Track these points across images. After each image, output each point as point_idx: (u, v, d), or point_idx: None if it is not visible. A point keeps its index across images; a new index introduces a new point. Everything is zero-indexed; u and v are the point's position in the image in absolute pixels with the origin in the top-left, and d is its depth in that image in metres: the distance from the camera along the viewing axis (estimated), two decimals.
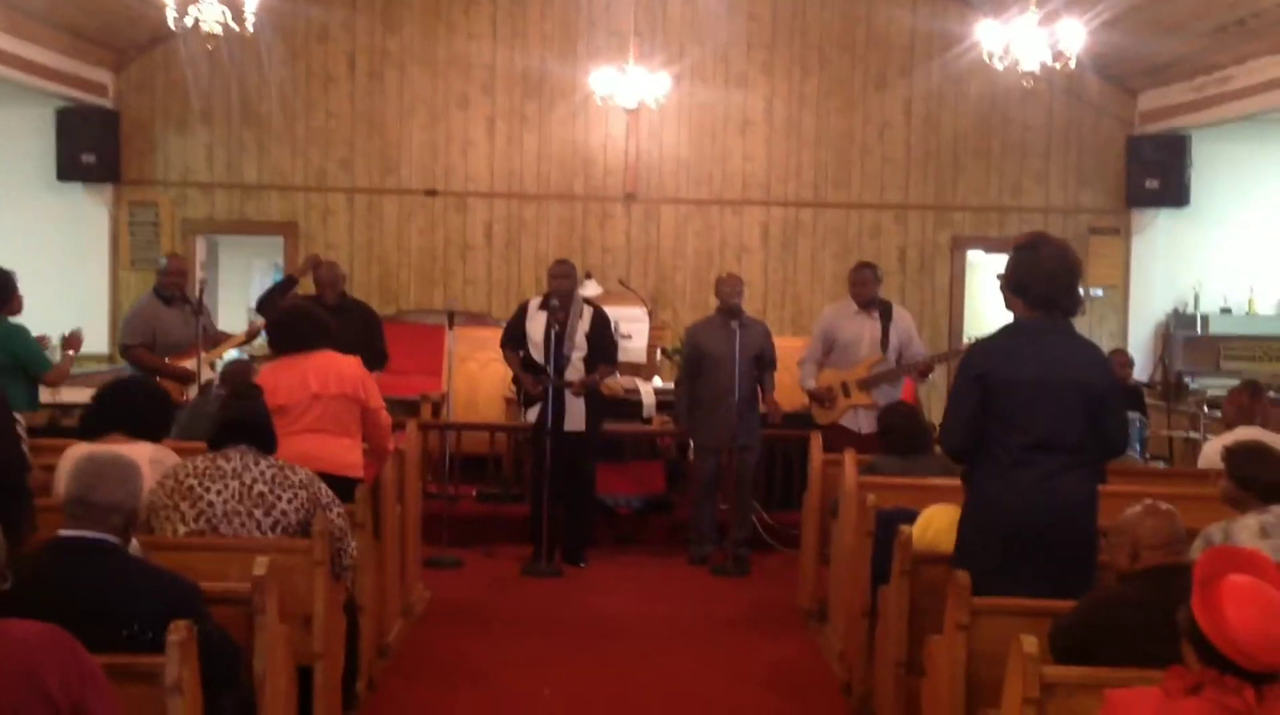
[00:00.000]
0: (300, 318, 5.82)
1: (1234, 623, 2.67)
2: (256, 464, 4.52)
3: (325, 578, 4.40)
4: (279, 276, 13.19)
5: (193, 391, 7.50)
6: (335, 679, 4.68)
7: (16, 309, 6.97)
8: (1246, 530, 4.38)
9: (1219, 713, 2.68)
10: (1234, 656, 2.66)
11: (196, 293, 8.23)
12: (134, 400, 4.92)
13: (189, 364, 7.72)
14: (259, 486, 4.47)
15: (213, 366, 7.76)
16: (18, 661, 2.68)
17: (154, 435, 4.87)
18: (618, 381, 8.62)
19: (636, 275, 11.67)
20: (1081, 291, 4.42)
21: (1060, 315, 4.28)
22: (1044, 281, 4.21)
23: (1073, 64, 9.06)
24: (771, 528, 8.49)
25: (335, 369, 5.62)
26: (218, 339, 8.14)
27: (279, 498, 4.49)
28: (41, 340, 7.30)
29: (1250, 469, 4.49)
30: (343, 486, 5.15)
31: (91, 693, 2.75)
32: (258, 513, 4.45)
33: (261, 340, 7.77)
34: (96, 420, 4.85)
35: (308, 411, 5.50)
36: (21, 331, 6.93)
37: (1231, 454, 4.61)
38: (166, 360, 7.76)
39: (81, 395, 5.27)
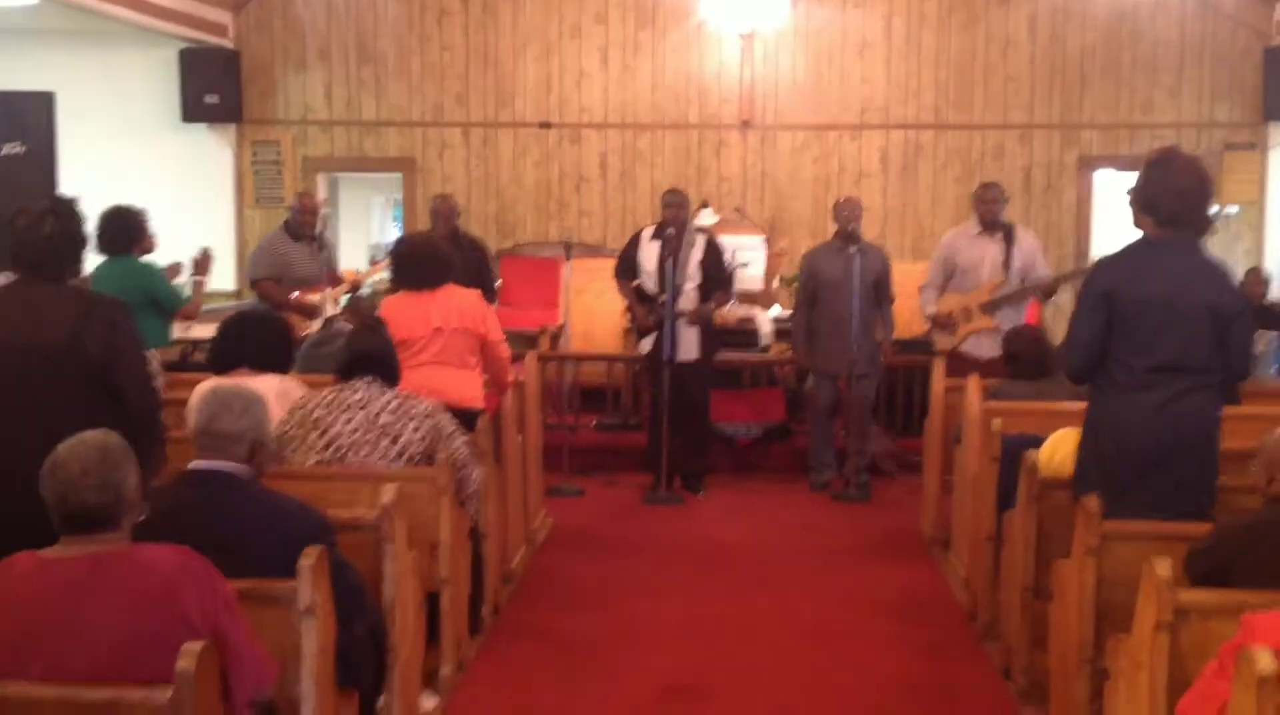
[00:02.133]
0: (423, 252, 5.87)
1: None
2: (382, 394, 4.60)
3: (450, 505, 4.48)
4: (398, 212, 13.39)
5: (316, 325, 7.66)
6: (462, 604, 4.79)
7: (149, 248, 7.15)
8: None
9: None
10: None
11: (319, 228, 8.37)
12: (256, 333, 5.02)
13: (314, 298, 7.88)
14: (384, 417, 4.55)
15: (336, 303, 7.90)
16: (157, 587, 2.77)
17: (279, 367, 4.98)
18: (732, 310, 8.56)
19: (753, 203, 11.55)
20: (1213, 211, 4.27)
21: (1191, 234, 4.13)
22: (1175, 199, 4.06)
23: None
24: (894, 454, 8.42)
25: (456, 303, 5.68)
26: (337, 278, 8.28)
27: (404, 428, 4.57)
28: (172, 268, 7.47)
29: None
30: (463, 418, 5.22)
31: (226, 617, 2.84)
32: (384, 442, 4.53)
33: (383, 275, 7.91)
34: (222, 355, 4.98)
35: (429, 345, 5.58)
36: (152, 269, 7.12)
37: None
38: (293, 294, 7.93)
39: (211, 330, 5.41)
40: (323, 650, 3.27)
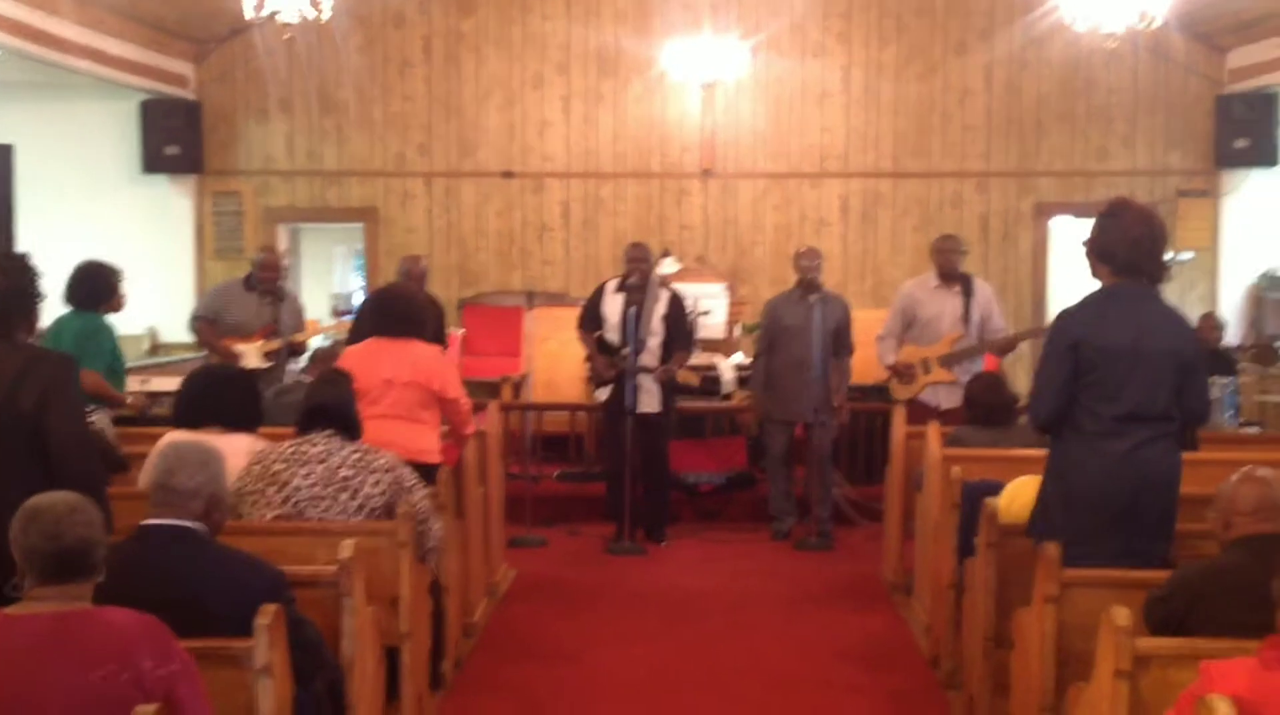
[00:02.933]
0: (400, 304, 5.84)
1: None
2: (341, 449, 4.57)
3: (410, 559, 4.44)
4: (360, 262, 13.36)
5: None
6: (422, 659, 4.74)
7: (117, 307, 7.02)
8: None
9: None
10: None
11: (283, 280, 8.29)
12: (227, 392, 4.97)
13: (239, 347, 7.74)
14: (344, 471, 4.52)
15: (262, 356, 7.76)
16: (113, 648, 2.74)
17: (250, 425, 4.94)
18: (689, 373, 8.55)
19: (715, 251, 11.63)
20: (1168, 257, 4.33)
21: (1148, 282, 4.19)
22: (1130, 247, 4.12)
23: (1158, 22, 8.85)
24: (855, 502, 8.43)
25: (411, 357, 5.65)
26: (272, 332, 8.00)
27: (364, 482, 4.53)
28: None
29: None
30: (418, 472, 5.19)
31: (183, 683, 2.80)
32: (343, 497, 4.49)
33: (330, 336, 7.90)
34: (191, 411, 4.92)
35: (382, 397, 5.54)
36: (101, 331, 6.85)
37: None
38: (223, 341, 7.83)
39: (170, 383, 5.36)
40: (279, 709, 3.23)
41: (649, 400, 7.72)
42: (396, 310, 5.77)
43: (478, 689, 5.34)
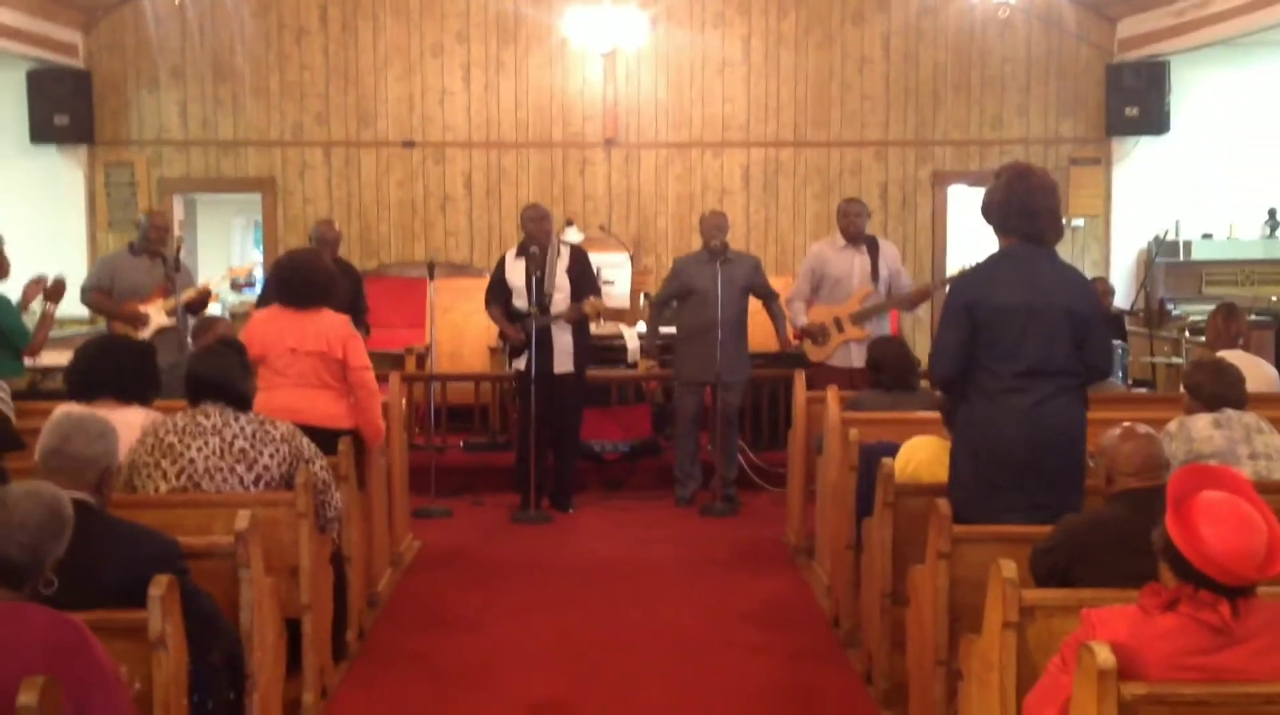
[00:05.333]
0: (305, 272, 5.75)
1: (1208, 538, 2.70)
2: (236, 420, 4.52)
3: (310, 530, 4.42)
4: (259, 234, 13.16)
5: (144, 335, 7.54)
6: (324, 630, 4.72)
7: (3, 272, 6.91)
8: (1201, 421, 4.64)
9: (1194, 627, 2.71)
10: (1209, 571, 2.69)
11: (175, 250, 8.20)
12: (120, 362, 4.88)
13: (142, 308, 7.71)
14: (240, 442, 4.47)
15: (167, 313, 7.74)
16: (32, 650, 2.64)
17: (144, 398, 4.85)
18: (602, 303, 8.56)
19: (618, 221, 11.62)
20: (1063, 219, 4.45)
21: (1044, 243, 4.29)
22: (1001, 207, 4.24)
23: None
24: (759, 467, 8.52)
25: (317, 326, 5.60)
26: (169, 290, 7.95)
27: (261, 453, 4.50)
28: (34, 284, 7.20)
29: (1197, 377, 4.82)
30: (329, 437, 5.17)
31: (99, 695, 2.68)
32: (240, 468, 4.45)
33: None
34: (83, 383, 4.82)
35: (289, 365, 5.51)
36: (3, 301, 6.85)
37: (1187, 367, 4.83)
38: (124, 305, 7.78)
39: (61, 357, 5.24)
40: (175, 681, 3.20)
41: (562, 359, 7.71)
42: (299, 279, 5.70)
43: (382, 659, 5.33)
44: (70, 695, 2.63)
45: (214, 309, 8.36)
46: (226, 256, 14.97)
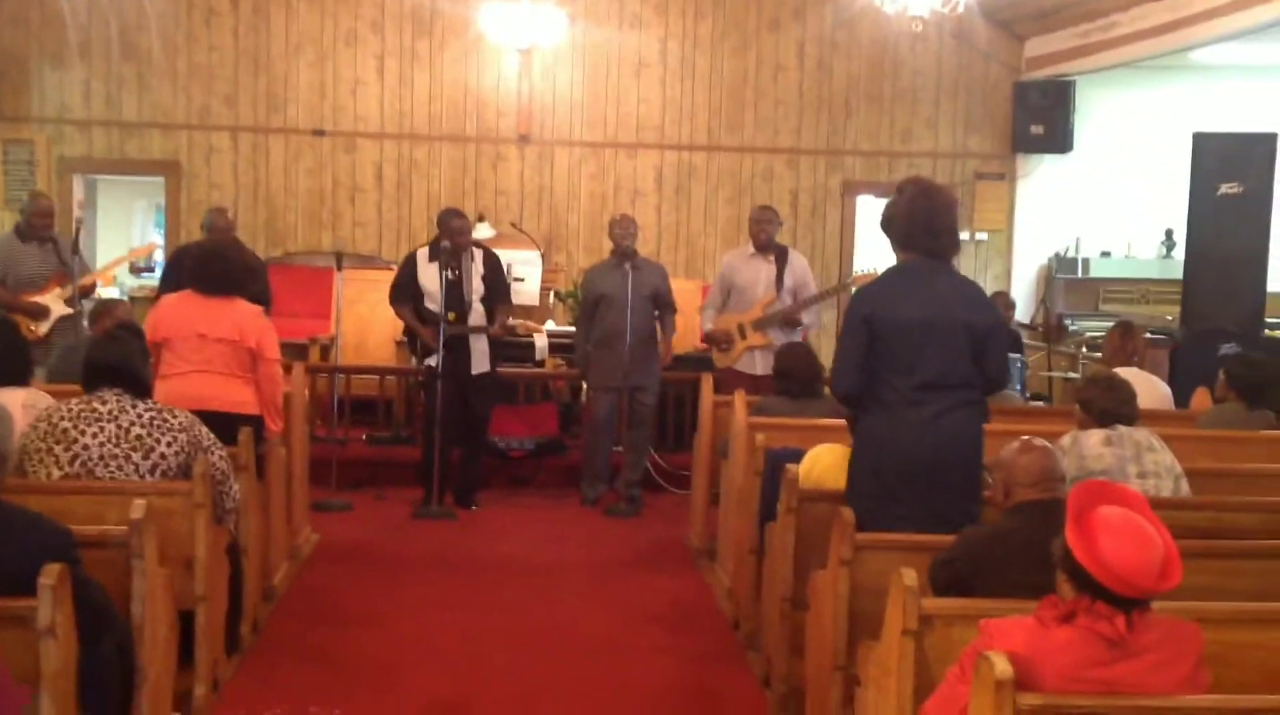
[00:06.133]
0: (221, 259, 5.72)
1: (1108, 551, 2.75)
2: (134, 406, 4.42)
3: (206, 520, 4.34)
4: (160, 218, 12.88)
5: (44, 327, 7.36)
6: (218, 622, 4.63)
7: None
8: (1093, 437, 4.71)
9: (1091, 638, 2.76)
10: (1108, 583, 2.74)
11: (73, 232, 8.03)
12: None
13: (40, 299, 7.54)
14: (136, 429, 4.38)
15: (65, 302, 7.58)
16: None
17: (18, 378, 4.73)
18: (525, 322, 8.63)
19: (530, 218, 11.56)
20: (964, 234, 4.51)
21: (940, 256, 4.34)
22: (905, 222, 4.29)
23: (961, 8, 9.16)
24: (664, 470, 8.54)
25: (230, 314, 5.53)
26: (65, 278, 7.80)
27: (158, 441, 4.41)
28: None
29: (1090, 393, 4.88)
30: (235, 423, 5.11)
31: None
32: (135, 456, 4.36)
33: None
34: None
35: (196, 352, 5.43)
36: None
37: (1081, 382, 4.91)
38: (21, 297, 7.58)
39: None
40: (64, 672, 3.12)
41: (480, 361, 7.68)
42: (215, 267, 5.63)
43: (276, 653, 5.24)
44: None
45: (111, 292, 8.15)
46: (127, 239, 14.63)
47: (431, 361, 7.67)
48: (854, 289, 5.27)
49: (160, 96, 11.44)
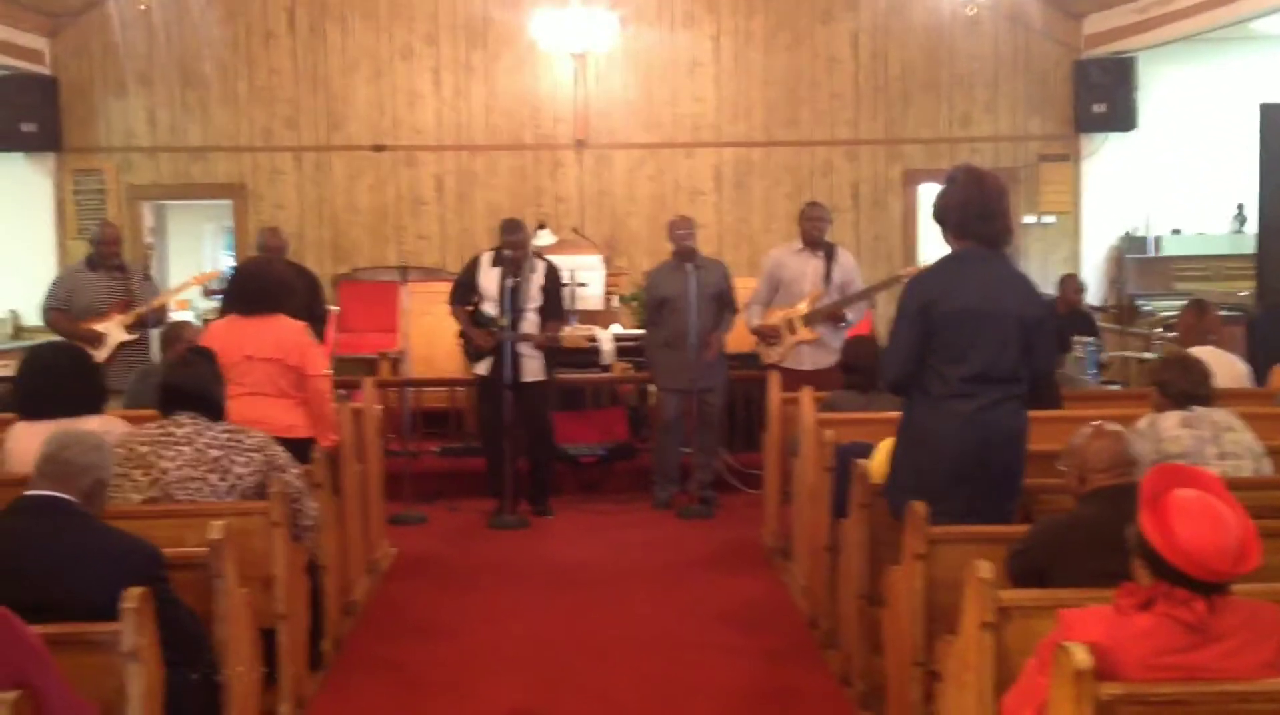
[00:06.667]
0: (257, 279, 5.74)
1: (1182, 535, 2.71)
2: (209, 428, 4.49)
3: (284, 539, 4.39)
4: (229, 240, 13.08)
5: (102, 354, 7.48)
6: (300, 639, 4.69)
7: None
8: (1170, 419, 4.63)
9: (1170, 625, 2.72)
10: (1185, 568, 2.70)
11: (144, 260, 8.16)
12: (61, 377, 4.80)
13: (99, 327, 7.66)
14: (213, 451, 4.44)
15: (126, 329, 7.70)
16: None
17: (93, 406, 4.81)
18: (575, 333, 8.63)
19: (590, 223, 11.61)
20: (1027, 219, 4.47)
21: (994, 245, 4.30)
22: (958, 211, 4.25)
23: None
24: (736, 469, 8.52)
25: (274, 333, 5.55)
26: (127, 306, 7.90)
27: (234, 462, 4.47)
28: None
29: (1165, 375, 4.78)
30: (287, 448, 5.12)
31: (33, 665, 2.73)
32: (213, 477, 4.42)
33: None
34: (30, 401, 4.76)
35: (245, 374, 5.45)
36: None
37: (1154, 364, 4.92)
38: (81, 325, 7.73)
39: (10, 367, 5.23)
40: (149, 695, 3.17)
41: (532, 367, 7.71)
42: (251, 287, 5.67)
43: (358, 667, 5.30)
44: (9, 667, 2.65)
45: (184, 315, 8.29)
46: (198, 263, 14.85)
47: (480, 369, 7.73)
48: (908, 279, 5.23)
49: (223, 120, 11.64)
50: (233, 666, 3.79)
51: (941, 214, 4.32)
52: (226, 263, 14.46)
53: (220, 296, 13.17)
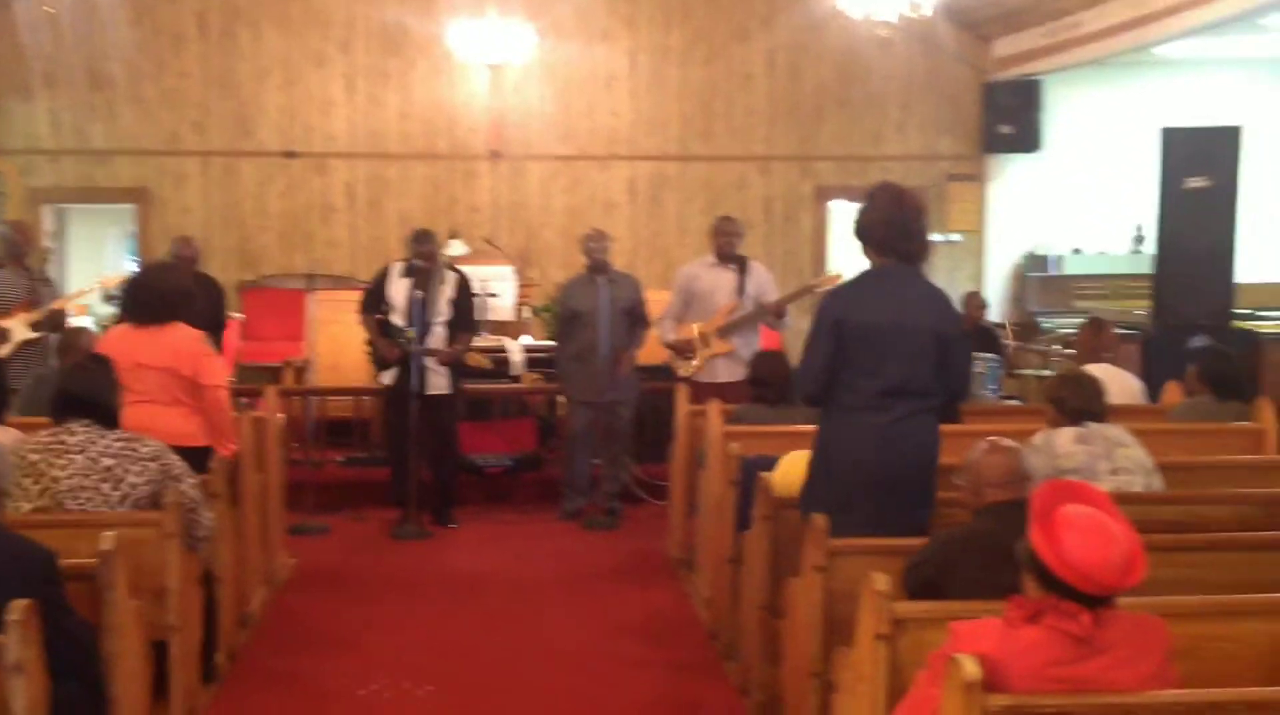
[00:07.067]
0: (155, 286, 5.62)
1: (1070, 550, 2.75)
2: (103, 437, 4.40)
3: (178, 550, 4.31)
4: (133, 245, 12.84)
5: (4, 350, 7.32)
6: (192, 652, 4.61)
7: None
8: (1065, 435, 4.68)
9: (1057, 637, 2.76)
10: (1073, 581, 2.74)
11: (42, 263, 8.00)
12: None
13: (5, 323, 7.51)
14: (106, 460, 4.35)
15: (28, 327, 7.54)
16: None
17: None
18: (480, 357, 8.58)
19: (503, 234, 11.57)
20: (934, 237, 4.53)
21: (910, 262, 4.36)
22: (882, 228, 4.31)
23: (927, 12, 9.20)
24: (643, 481, 8.53)
25: (169, 341, 5.42)
26: (32, 304, 7.79)
27: (128, 471, 4.38)
28: None
29: (1060, 391, 4.84)
30: (184, 456, 5.01)
31: None
32: (105, 487, 4.34)
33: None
34: None
35: (138, 381, 5.32)
36: None
37: (1050, 381, 5.01)
38: None
39: None
40: (33, 708, 3.09)
41: (438, 381, 7.66)
42: (145, 296, 5.55)
43: (253, 680, 5.21)
44: None
45: (83, 321, 8.12)
46: (99, 268, 14.56)
47: (386, 378, 7.67)
48: (824, 290, 5.28)
49: (129, 124, 11.43)
50: (121, 680, 3.70)
51: (862, 230, 4.37)
52: (129, 268, 14.20)
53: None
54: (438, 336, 7.65)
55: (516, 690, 5.13)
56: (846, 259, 11.88)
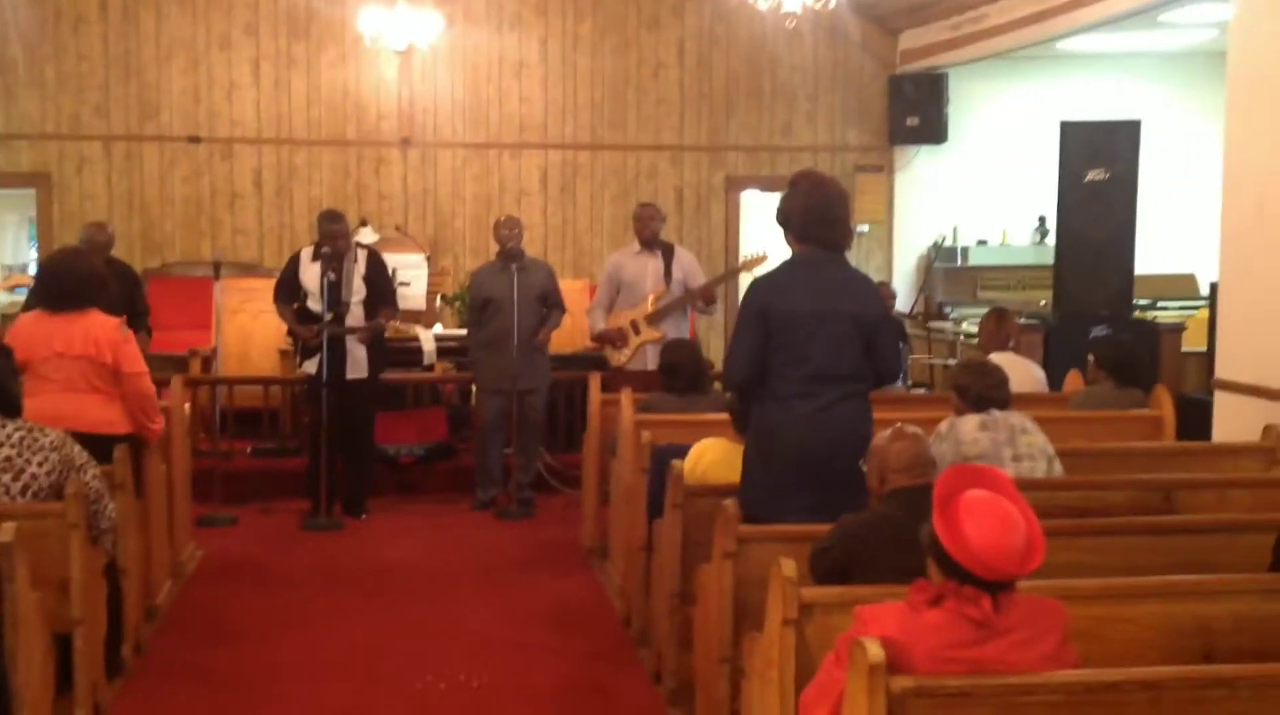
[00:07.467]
0: (67, 272, 5.50)
1: (971, 535, 2.81)
2: (3, 427, 4.31)
3: (81, 541, 4.24)
4: (34, 231, 12.55)
5: None
6: (97, 645, 4.54)
7: None
8: (969, 423, 4.80)
9: (958, 620, 2.82)
10: (972, 567, 2.80)
11: None
12: None
13: None
14: (5, 450, 4.28)
15: None
16: None
17: None
18: (398, 322, 8.53)
19: (414, 221, 11.49)
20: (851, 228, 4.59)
21: (830, 248, 4.42)
22: (803, 215, 4.36)
23: (833, 3, 9.30)
24: (556, 470, 8.54)
25: (84, 328, 5.33)
26: None
27: (29, 462, 4.31)
28: None
29: (964, 379, 4.94)
30: (101, 444, 4.94)
31: None
32: (5, 478, 4.26)
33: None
34: None
35: (57, 370, 5.24)
36: None
37: (954, 368, 5.01)
38: None
39: None
40: None
41: (355, 367, 7.59)
42: (59, 282, 5.45)
43: (159, 674, 5.14)
44: None
45: None
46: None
47: (310, 367, 7.59)
48: (750, 276, 5.33)
49: (28, 107, 11.16)
50: (23, 673, 3.64)
51: (784, 218, 4.43)
52: (30, 255, 13.87)
53: (21, 290, 12.66)
54: (355, 316, 7.57)
55: (428, 681, 5.11)
56: (757, 248, 12.01)
